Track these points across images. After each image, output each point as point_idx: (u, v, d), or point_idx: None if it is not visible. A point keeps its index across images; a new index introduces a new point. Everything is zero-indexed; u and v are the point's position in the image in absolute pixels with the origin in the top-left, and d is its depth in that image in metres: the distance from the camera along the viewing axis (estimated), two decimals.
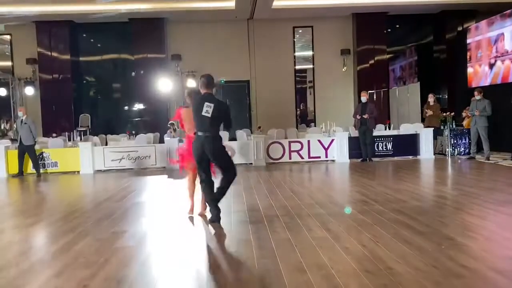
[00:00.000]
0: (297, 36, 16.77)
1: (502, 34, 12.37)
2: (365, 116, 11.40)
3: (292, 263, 3.68)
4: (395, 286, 3.11)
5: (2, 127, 16.22)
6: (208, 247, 4.34)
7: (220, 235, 4.79)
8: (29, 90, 15.68)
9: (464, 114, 13.04)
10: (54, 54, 15.59)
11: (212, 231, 4.97)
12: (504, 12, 12.27)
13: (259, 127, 15.06)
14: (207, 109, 4.94)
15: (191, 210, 5.73)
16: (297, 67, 16.78)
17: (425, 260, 3.61)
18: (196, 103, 5.09)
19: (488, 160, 10.60)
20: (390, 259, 3.66)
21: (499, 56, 12.57)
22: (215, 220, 5.15)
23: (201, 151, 5.04)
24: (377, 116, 12.32)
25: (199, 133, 5.03)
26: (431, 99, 12.52)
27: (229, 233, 4.86)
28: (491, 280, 3.18)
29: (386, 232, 4.48)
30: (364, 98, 11.71)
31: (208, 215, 5.36)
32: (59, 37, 15.56)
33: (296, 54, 16.73)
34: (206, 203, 5.45)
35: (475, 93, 11.06)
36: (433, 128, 11.97)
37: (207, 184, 5.19)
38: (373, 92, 15.93)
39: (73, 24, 15.67)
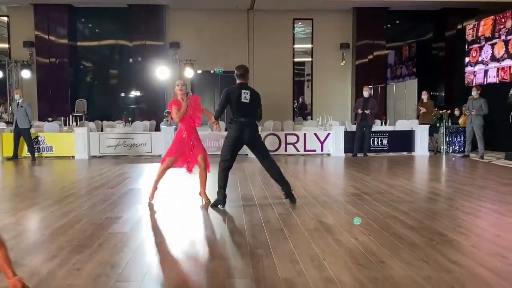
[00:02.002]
0: (297, 28, 16.71)
1: (500, 34, 12.38)
2: (367, 111, 11.42)
3: (285, 253, 3.72)
4: (386, 280, 3.16)
5: None
6: (202, 236, 4.37)
7: (214, 224, 4.83)
8: (26, 73, 15.55)
9: (457, 113, 13.06)
10: (52, 37, 15.45)
11: (206, 219, 5.00)
12: (503, 13, 12.27)
13: None
14: (245, 96, 5.29)
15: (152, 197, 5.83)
16: (296, 59, 16.75)
17: (416, 255, 3.66)
18: (234, 92, 5.31)
19: (482, 158, 10.66)
20: (382, 253, 3.70)
21: (497, 56, 12.59)
22: (220, 203, 5.41)
23: (240, 136, 5.32)
24: (377, 112, 12.34)
25: (241, 119, 5.29)
26: (424, 96, 12.55)
27: (223, 222, 4.90)
28: (481, 276, 3.23)
29: (378, 226, 4.53)
30: (366, 93, 11.71)
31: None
32: (57, 21, 15.41)
33: (295, 46, 16.68)
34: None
35: (473, 89, 11.09)
36: (428, 125, 12.02)
37: (227, 169, 5.43)
38: (371, 87, 15.94)
39: (71, 8, 15.53)
